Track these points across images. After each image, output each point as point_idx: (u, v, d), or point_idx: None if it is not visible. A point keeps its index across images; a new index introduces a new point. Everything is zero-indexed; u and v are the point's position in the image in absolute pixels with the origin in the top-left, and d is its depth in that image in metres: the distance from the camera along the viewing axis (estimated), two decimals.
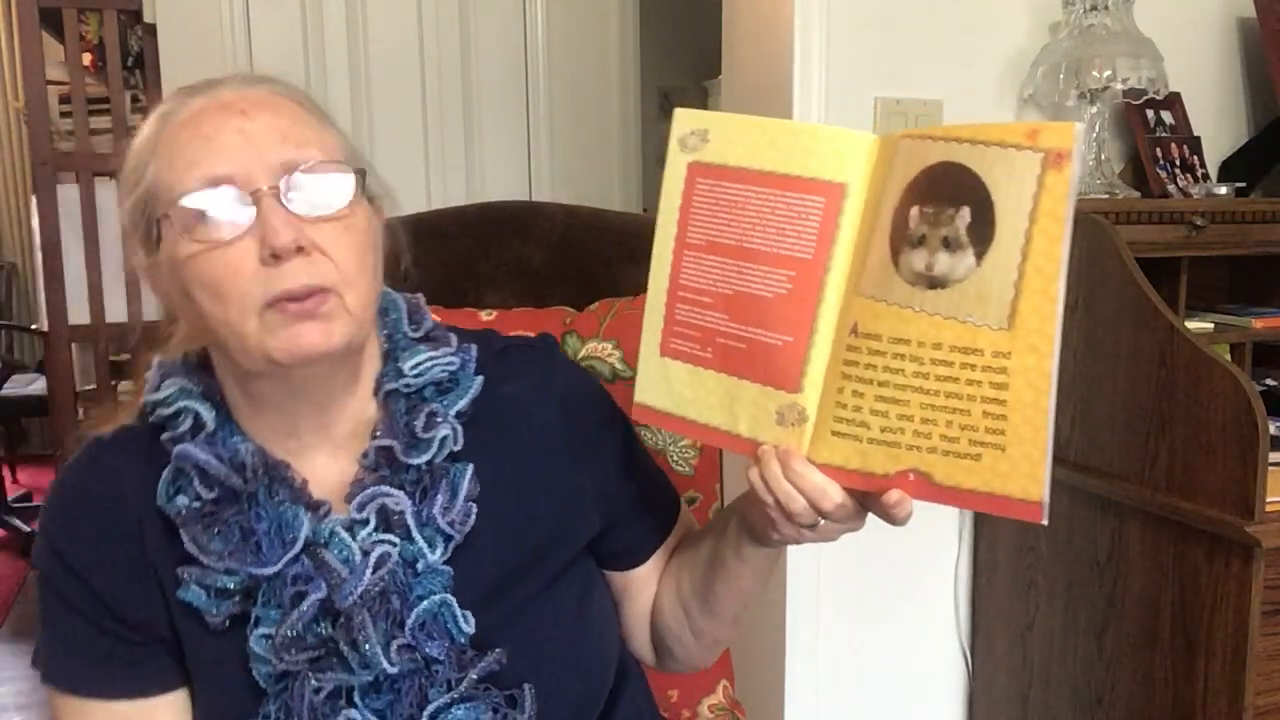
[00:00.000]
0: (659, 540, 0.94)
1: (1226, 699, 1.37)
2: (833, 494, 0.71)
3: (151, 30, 2.44)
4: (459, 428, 0.82)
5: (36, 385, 4.07)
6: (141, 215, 0.76)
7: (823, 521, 0.73)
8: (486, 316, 1.19)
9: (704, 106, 4.29)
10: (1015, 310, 0.64)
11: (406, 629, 0.76)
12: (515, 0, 2.77)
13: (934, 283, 0.66)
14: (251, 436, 0.79)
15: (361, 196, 0.78)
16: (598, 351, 1.15)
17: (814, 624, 1.78)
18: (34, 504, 4.05)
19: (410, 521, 0.78)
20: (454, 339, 0.87)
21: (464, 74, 2.75)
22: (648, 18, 3.02)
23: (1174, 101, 1.84)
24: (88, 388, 3.05)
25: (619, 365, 1.15)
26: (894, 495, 0.69)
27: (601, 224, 1.29)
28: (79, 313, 2.68)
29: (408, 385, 0.82)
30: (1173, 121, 1.85)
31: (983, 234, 0.65)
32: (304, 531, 0.76)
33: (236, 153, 0.73)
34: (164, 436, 0.79)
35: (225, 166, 0.73)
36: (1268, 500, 1.32)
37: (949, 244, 0.66)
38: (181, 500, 0.77)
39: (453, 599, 0.78)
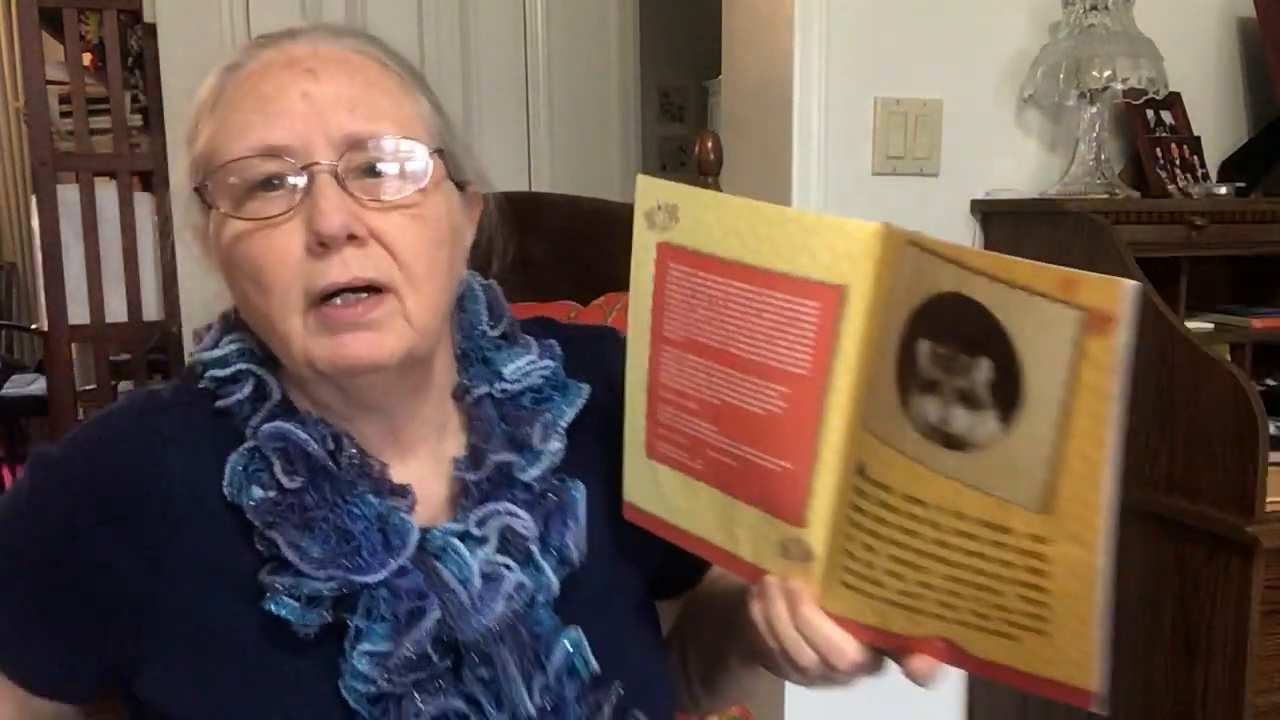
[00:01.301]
0: (699, 575, 0.86)
1: (1226, 699, 1.37)
2: (849, 651, 0.63)
3: (151, 30, 2.44)
4: (566, 441, 0.73)
5: (36, 385, 4.07)
6: (195, 179, 0.67)
7: (835, 674, 0.65)
8: None
9: (704, 107, 4.29)
10: (1054, 494, 0.53)
11: (550, 671, 0.67)
12: (515, 0, 2.77)
13: (951, 441, 0.55)
14: (324, 422, 0.69)
15: (443, 181, 0.68)
16: None
17: None
18: None
19: (534, 547, 0.69)
20: (532, 339, 0.77)
21: (464, 74, 2.75)
22: (648, 18, 3.02)
23: (1174, 101, 1.84)
24: (88, 388, 3.05)
25: None
26: (921, 663, 0.60)
27: (606, 215, 1.28)
28: (79, 313, 2.68)
29: (504, 390, 0.73)
30: (1173, 121, 1.85)
31: (1007, 395, 0.53)
32: (414, 537, 0.67)
33: (296, 120, 0.63)
34: (220, 404, 0.69)
35: (281, 135, 0.63)
36: (1268, 500, 1.32)
37: (967, 399, 0.54)
38: (256, 492, 0.66)
39: (583, 638, 0.69)
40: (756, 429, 0.63)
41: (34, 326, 3.68)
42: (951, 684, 1.90)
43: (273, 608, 0.64)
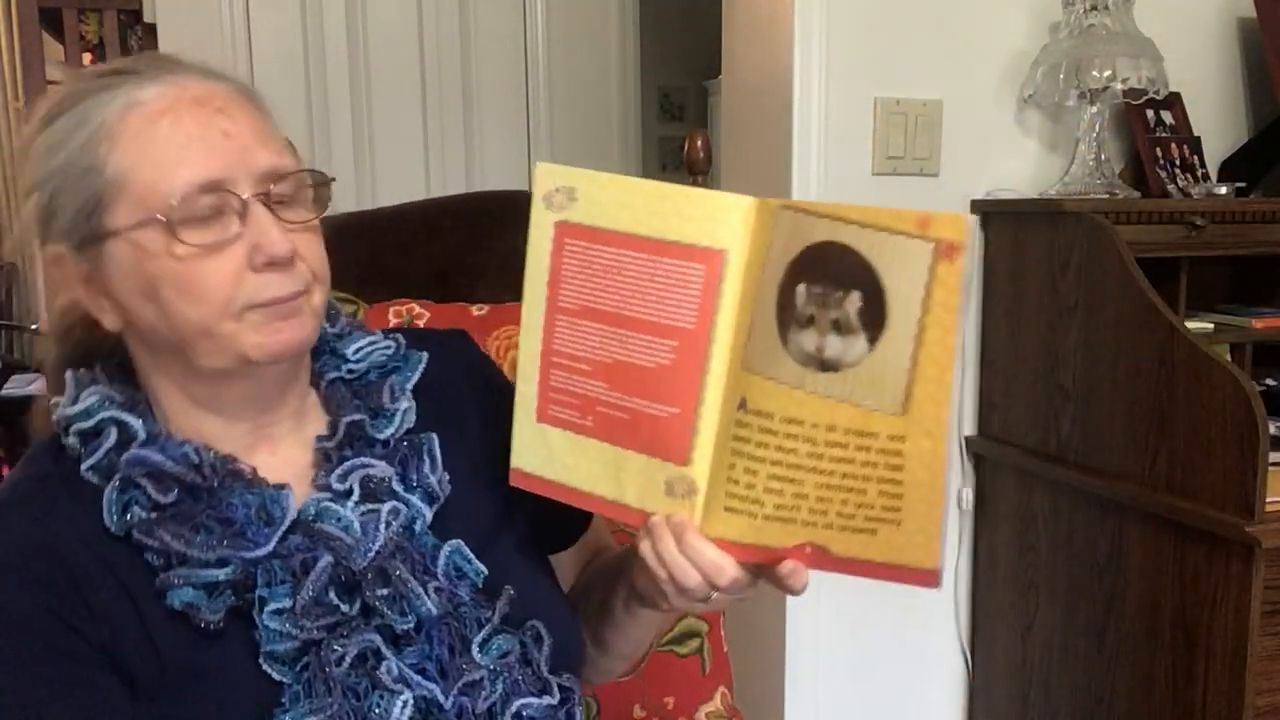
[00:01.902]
0: (579, 528, 0.94)
1: (1226, 699, 1.37)
2: (729, 570, 0.71)
3: (151, 30, 2.44)
4: (414, 402, 0.83)
5: (36, 385, 4.06)
6: (87, 204, 0.71)
7: (715, 595, 0.73)
8: (478, 312, 1.18)
9: (704, 107, 4.29)
10: (910, 396, 0.64)
11: (439, 573, 0.76)
12: (515, 0, 2.77)
13: (825, 365, 0.66)
14: (189, 440, 0.75)
15: None
16: None
17: (814, 624, 1.78)
18: None
19: (397, 487, 0.78)
20: (377, 331, 0.87)
21: (464, 74, 2.75)
22: (648, 18, 3.02)
23: (1174, 101, 1.84)
24: None
25: None
26: (788, 566, 0.69)
27: None
28: None
29: (351, 371, 0.83)
30: (1173, 121, 1.85)
31: (874, 319, 0.65)
32: (291, 507, 0.74)
33: (223, 156, 0.71)
34: (85, 466, 0.73)
35: (215, 170, 0.71)
36: (1268, 500, 1.32)
37: (839, 327, 0.66)
38: (137, 512, 0.71)
39: (464, 546, 0.78)
40: (647, 381, 0.72)
41: (34, 326, 3.68)
42: (951, 684, 1.90)
43: (175, 601, 0.69)
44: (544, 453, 0.77)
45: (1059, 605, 1.67)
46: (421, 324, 1.16)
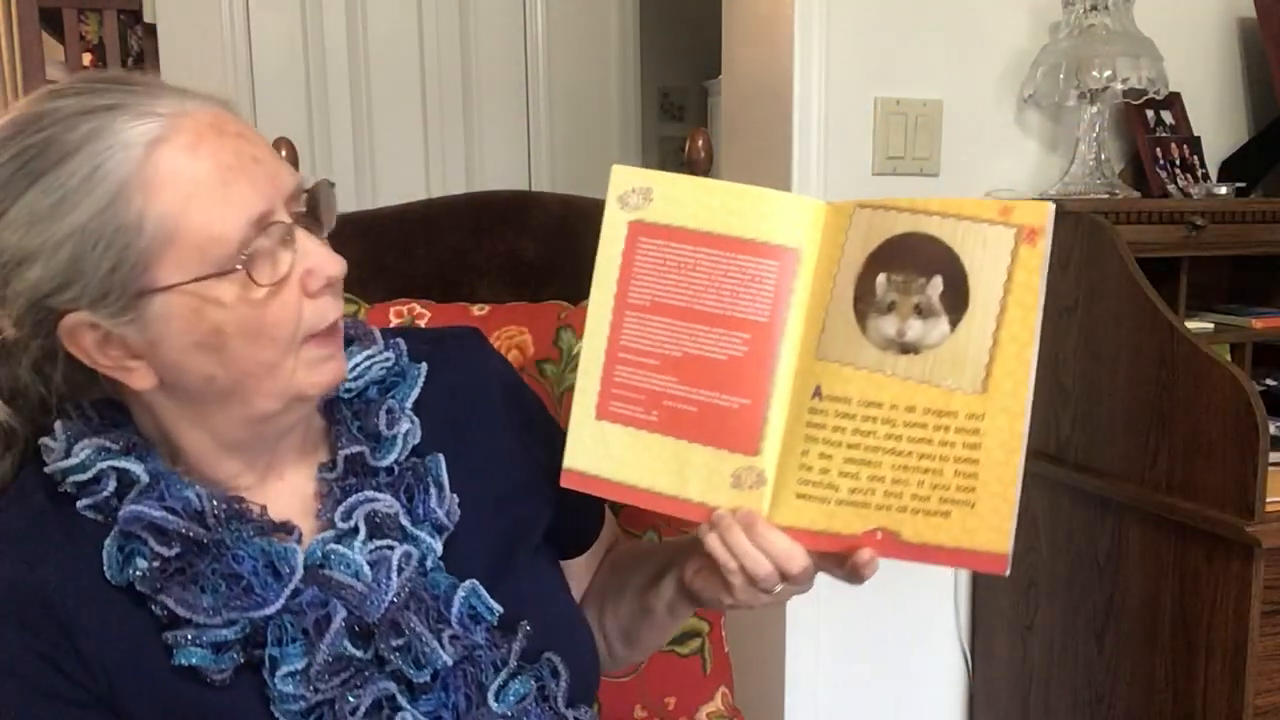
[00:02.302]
0: (595, 532, 0.93)
1: (1226, 699, 1.37)
2: (800, 557, 0.72)
3: (151, 30, 2.44)
4: (416, 420, 0.80)
5: None
6: (124, 263, 0.64)
7: (780, 586, 0.73)
8: (478, 311, 1.18)
9: (704, 107, 4.28)
10: (990, 375, 0.67)
11: (453, 621, 0.74)
12: (515, 0, 2.77)
13: (906, 348, 0.69)
14: (195, 483, 0.72)
15: None
16: None
17: (814, 624, 1.78)
18: None
19: (405, 522, 0.76)
20: (378, 334, 0.83)
21: (464, 75, 2.75)
22: (648, 18, 3.02)
23: (1174, 101, 1.84)
24: None
25: None
26: (865, 554, 0.69)
27: (598, 214, 1.28)
28: None
29: (349, 390, 0.79)
30: (1173, 121, 1.85)
31: (956, 302, 0.68)
32: (298, 564, 0.71)
33: (262, 184, 0.67)
34: (83, 504, 0.70)
35: (262, 202, 0.66)
36: (1268, 500, 1.32)
37: (921, 311, 0.69)
38: (140, 564, 0.68)
39: (478, 586, 0.76)
40: (717, 374, 0.74)
41: None
42: (951, 684, 1.90)
43: (183, 660, 0.68)
44: (601, 451, 0.77)
45: (1059, 605, 1.67)
46: (423, 324, 1.15)
